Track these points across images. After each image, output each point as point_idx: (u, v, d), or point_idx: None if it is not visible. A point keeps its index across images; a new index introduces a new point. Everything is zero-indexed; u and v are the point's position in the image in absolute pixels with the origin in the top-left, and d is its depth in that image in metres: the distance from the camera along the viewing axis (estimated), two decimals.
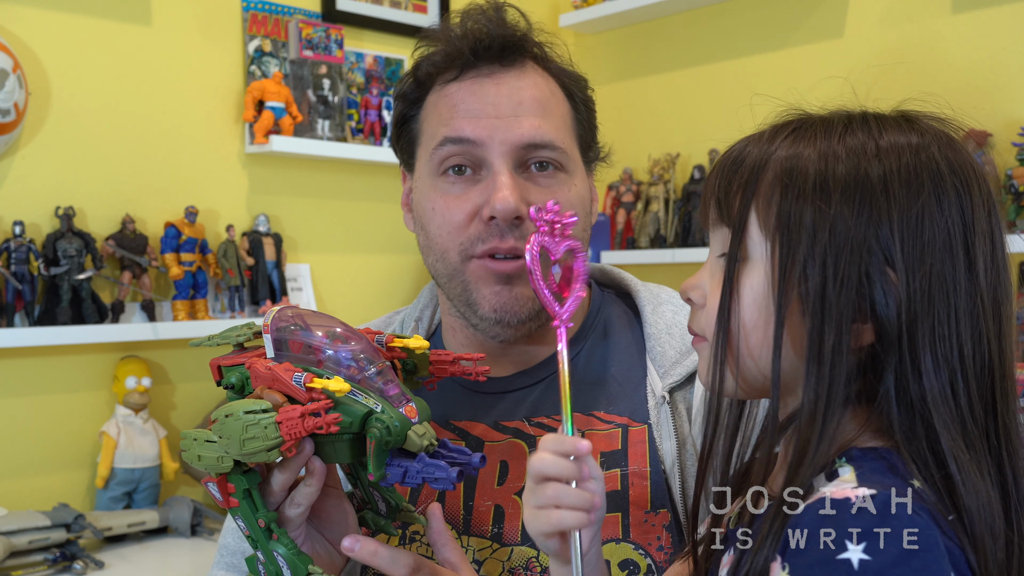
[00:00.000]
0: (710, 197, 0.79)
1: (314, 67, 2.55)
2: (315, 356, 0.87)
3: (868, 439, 0.73)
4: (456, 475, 0.82)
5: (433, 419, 1.11)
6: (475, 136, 1.03)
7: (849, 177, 0.71)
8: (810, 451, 0.70)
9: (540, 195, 1.03)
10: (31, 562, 1.89)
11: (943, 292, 0.71)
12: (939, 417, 0.70)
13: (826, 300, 0.70)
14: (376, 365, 0.86)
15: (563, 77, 1.10)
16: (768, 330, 0.73)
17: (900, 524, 0.63)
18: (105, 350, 2.23)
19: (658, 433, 1.05)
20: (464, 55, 1.05)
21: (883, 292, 0.70)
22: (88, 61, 2.21)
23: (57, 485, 2.17)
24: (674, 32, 2.93)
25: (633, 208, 2.88)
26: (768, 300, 0.73)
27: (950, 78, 2.34)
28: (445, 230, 1.04)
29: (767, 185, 0.74)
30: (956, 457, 0.69)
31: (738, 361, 0.76)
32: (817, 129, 0.75)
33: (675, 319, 1.12)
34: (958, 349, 0.71)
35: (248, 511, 0.88)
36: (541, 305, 1.02)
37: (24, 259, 2.03)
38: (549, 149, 1.04)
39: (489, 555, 1.02)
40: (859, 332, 0.71)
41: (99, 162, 2.23)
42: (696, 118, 2.87)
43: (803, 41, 2.65)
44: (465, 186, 1.04)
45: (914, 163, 0.72)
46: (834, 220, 0.70)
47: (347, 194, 2.65)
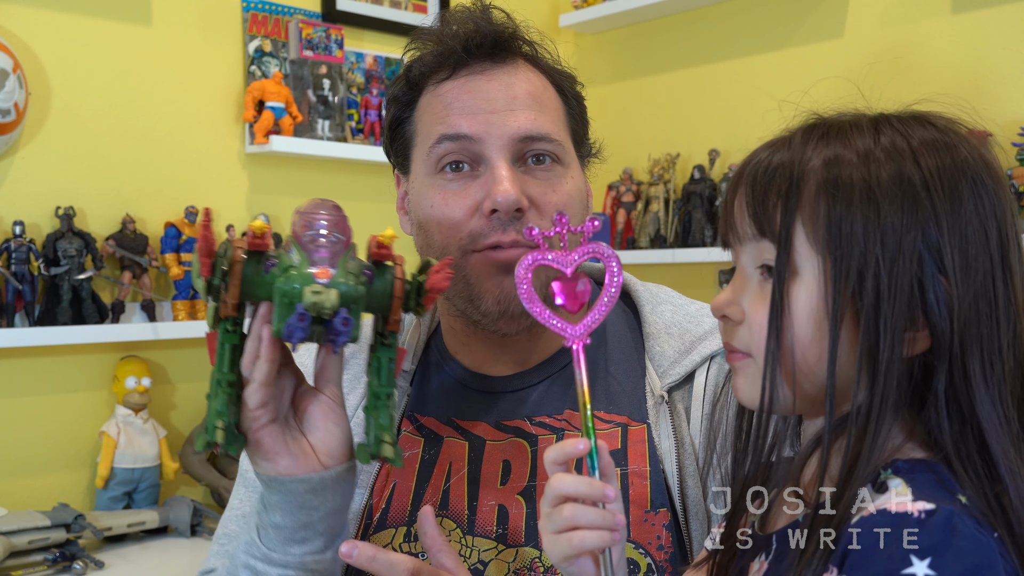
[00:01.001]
0: (742, 210, 0.76)
1: (314, 67, 2.55)
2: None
3: (912, 450, 0.72)
4: (306, 338, 0.83)
5: (435, 418, 1.11)
6: (471, 132, 1.03)
7: (893, 182, 0.70)
8: (862, 460, 0.69)
9: (538, 188, 1.04)
10: (31, 562, 1.89)
11: (986, 297, 0.70)
12: (988, 422, 0.69)
13: (881, 311, 0.69)
14: (322, 231, 0.86)
15: (553, 73, 1.11)
16: (824, 344, 0.71)
17: (964, 541, 0.63)
18: (105, 350, 2.23)
19: (657, 433, 1.05)
20: (456, 53, 1.06)
21: (936, 299, 0.70)
22: (88, 61, 2.21)
23: (57, 485, 2.17)
24: (674, 32, 2.93)
25: (633, 208, 2.88)
26: (822, 314, 0.72)
27: (950, 78, 2.34)
28: (445, 226, 1.04)
29: (810, 196, 0.72)
30: (1008, 462, 0.69)
31: (795, 377, 0.73)
32: (848, 133, 0.74)
33: (673, 318, 1.11)
34: (1000, 354, 0.70)
35: (216, 365, 0.89)
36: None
37: (24, 259, 2.03)
38: (546, 141, 1.04)
39: (494, 556, 1.02)
40: (913, 340, 0.70)
41: (99, 162, 2.23)
42: (696, 118, 2.87)
43: (803, 41, 2.65)
44: (464, 182, 1.04)
45: (950, 164, 0.71)
46: (884, 229, 0.69)
47: (347, 194, 2.65)
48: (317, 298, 0.82)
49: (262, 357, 0.87)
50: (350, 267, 0.86)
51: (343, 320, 0.83)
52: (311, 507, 0.91)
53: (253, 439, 0.89)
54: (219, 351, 0.89)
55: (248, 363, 0.88)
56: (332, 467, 0.91)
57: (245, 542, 0.95)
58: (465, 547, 1.03)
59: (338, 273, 0.84)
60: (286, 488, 0.89)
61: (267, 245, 0.87)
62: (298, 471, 0.90)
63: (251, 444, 0.90)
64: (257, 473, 0.92)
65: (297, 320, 0.82)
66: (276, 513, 0.91)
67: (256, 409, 0.88)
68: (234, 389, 0.89)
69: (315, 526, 0.91)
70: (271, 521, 0.92)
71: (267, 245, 0.87)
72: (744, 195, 0.76)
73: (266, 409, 0.88)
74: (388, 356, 0.94)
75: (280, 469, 0.89)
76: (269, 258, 0.88)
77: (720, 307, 0.79)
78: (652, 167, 2.87)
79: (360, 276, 0.87)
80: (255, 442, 0.89)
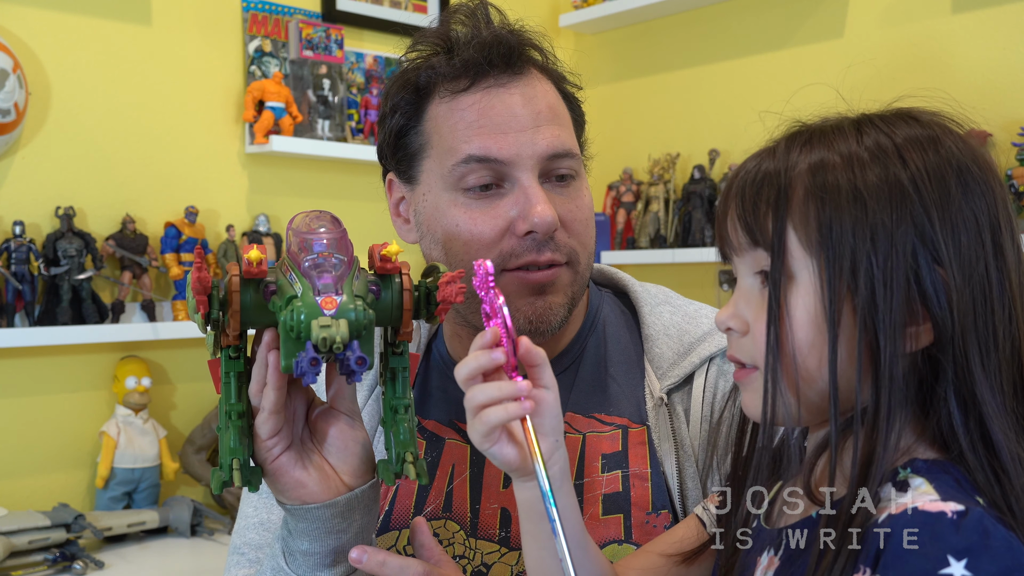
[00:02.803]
0: (734, 222, 0.76)
1: (314, 67, 2.55)
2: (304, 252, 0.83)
3: (924, 450, 0.72)
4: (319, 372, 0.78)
5: (437, 420, 1.11)
6: (502, 155, 1.00)
7: (880, 181, 0.71)
8: (876, 460, 0.69)
9: (564, 205, 1.03)
10: (31, 562, 1.89)
11: (979, 286, 0.71)
12: (989, 409, 0.69)
13: (877, 307, 0.69)
14: (323, 255, 0.82)
15: (560, 81, 1.09)
16: (825, 349, 0.71)
17: (997, 542, 0.63)
18: (105, 350, 2.23)
19: (656, 435, 1.05)
20: (476, 63, 1.02)
21: (935, 291, 0.70)
22: (88, 61, 2.21)
23: (57, 485, 2.17)
24: (674, 32, 2.93)
25: (633, 208, 2.88)
26: (821, 318, 0.72)
27: (950, 78, 2.34)
28: (474, 246, 1.01)
29: (799, 201, 0.72)
30: (1010, 449, 0.69)
31: (798, 387, 0.73)
32: (832, 136, 0.74)
33: (672, 320, 1.11)
34: (995, 342, 0.71)
35: (223, 396, 0.86)
36: (568, 313, 1.03)
37: (24, 259, 2.03)
38: (568, 157, 1.04)
39: (497, 559, 1.02)
40: (916, 334, 0.71)
41: (99, 162, 2.23)
42: (696, 118, 2.87)
43: (803, 41, 2.65)
44: (490, 200, 1.02)
45: (936, 158, 0.72)
46: (873, 227, 0.70)
47: (347, 194, 2.65)
48: (327, 332, 0.77)
49: (269, 384, 0.84)
50: (356, 288, 0.81)
51: (358, 360, 0.78)
52: (340, 531, 0.88)
53: (271, 470, 0.86)
54: (224, 380, 0.86)
55: (256, 391, 0.85)
56: (357, 487, 0.88)
57: (271, 568, 0.93)
58: (468, 550, 1.03)
59: (345, 300, 0.79)
60: (312, 515, 0.87)
61: (264, 273, 0.83)
62: (322, 496, 0.87)
63: (269, 475, 0.87)
64: (280, 501, 0.89)
65: (308, 363, 0.78)
66: (303, 540, 0.88)
67: (269, 439, 0.86)
68: (244, 420, 0.86)
69: (345, 549, 0.88)
70: (299, 548, 0.89)
71: (264, 273, 0.83)
72: (735, 207, 0.76)
73: (280, 437, 0.86)
74: (402, 365, 0.91)
75: (303, 496, 0.87)
76: (268, 284, 0.84)
77: (723, 320, 0.78)
78: (652, 167, 2.87)
79: (367, 296, 0.83)
80: (273, 473, 0.87)
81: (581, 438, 1.06)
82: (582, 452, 1.05)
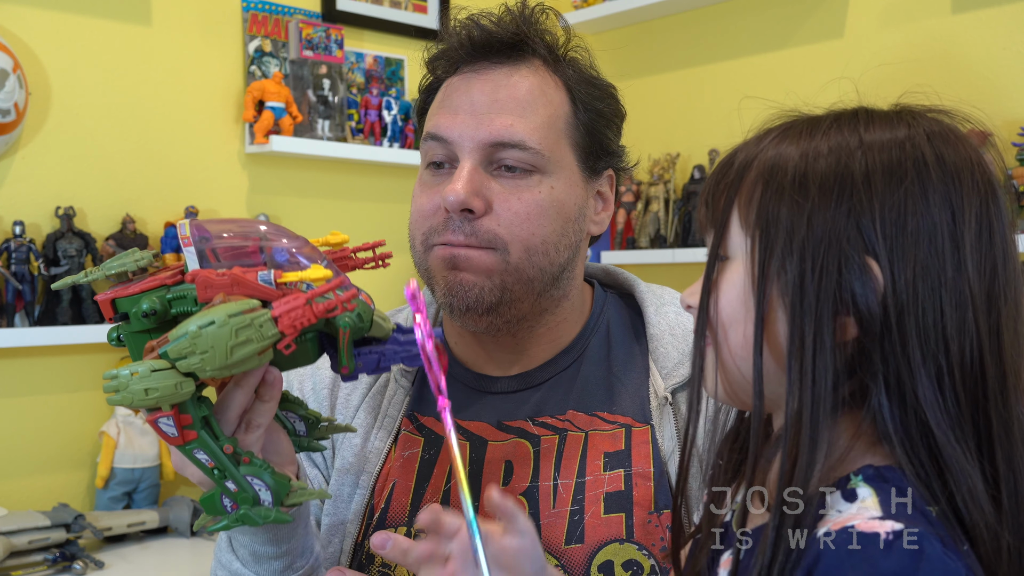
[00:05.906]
0: (701, 203, 0.79)
1: (314, 67, 2.55)
2: (251, 259, 0.81)
3: (866, 451, 0.71)
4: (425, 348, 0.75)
5: (435, 417, 1.11)
6: (447, 134, 1.05)
7: (829, 172, 0.71)
8: (802, 458, 0.68)
9: (501, 195, 1.04)
10: (31, 562, 1.89)
11: (928, 285, 0.69)
12: (930, 408, 0.69)
13: (804, 292, 0.69)
14: (324, 257, 0.82)
15: (571, 81, 1.09)
16: (748, 328, 0.72)
17: (931, 565, 0.62)
18: (105, 350, 2.23)
19: (660, 434, 1.05)
20: (466, 49, 1.08)
21: (862, 283, 0.69)
22: (88, 61, 2.21)
23: (57, 485, 2.17)
24: (674, 32, 2.93)
25: (633, 208, 2.88)
26: (748, 296, 0.73)
27: (950, 78, 2.34)
28: (414, 219, 1.09)
29: (749, 184, 0.74)
30: (951, 448, 0.68)
31: (735, 364, 0.74)
32: (803, 128, 0.75)
33: (677, 320, 1.12)
34: (944, 343, 0.69)
35: (209, 441, 0.80)
36: (499, 300, 1.03)
37: (24, 259, 2.03)
38: (519, 149, 1.03)
39: None
40: (843, 326, 0.70)
41: (99, 162, 2.22)
42: (696, 118, 2.87)
43: (803, 41, 2.65)
44: (438, 178, 1.07)
45: (899, 156, 0.71)
46: (811, 213, 0.70)
47: (347, 194, 2.65)
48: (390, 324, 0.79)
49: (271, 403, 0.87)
50: None
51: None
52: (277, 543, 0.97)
53: None
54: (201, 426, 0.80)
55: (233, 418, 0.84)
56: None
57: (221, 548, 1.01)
58: None
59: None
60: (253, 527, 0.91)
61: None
62: None
63: None
64: None
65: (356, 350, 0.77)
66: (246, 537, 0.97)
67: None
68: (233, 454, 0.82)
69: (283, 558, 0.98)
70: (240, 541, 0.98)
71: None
72: (704, 190, 0.79)
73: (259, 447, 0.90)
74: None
75: None
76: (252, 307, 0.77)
77: (683, 299, 0.81)
78: (652, 167, 2.87)
79: None
80: None
81: (583, 436, 1.06)
82: (584, 450, 1.05)
